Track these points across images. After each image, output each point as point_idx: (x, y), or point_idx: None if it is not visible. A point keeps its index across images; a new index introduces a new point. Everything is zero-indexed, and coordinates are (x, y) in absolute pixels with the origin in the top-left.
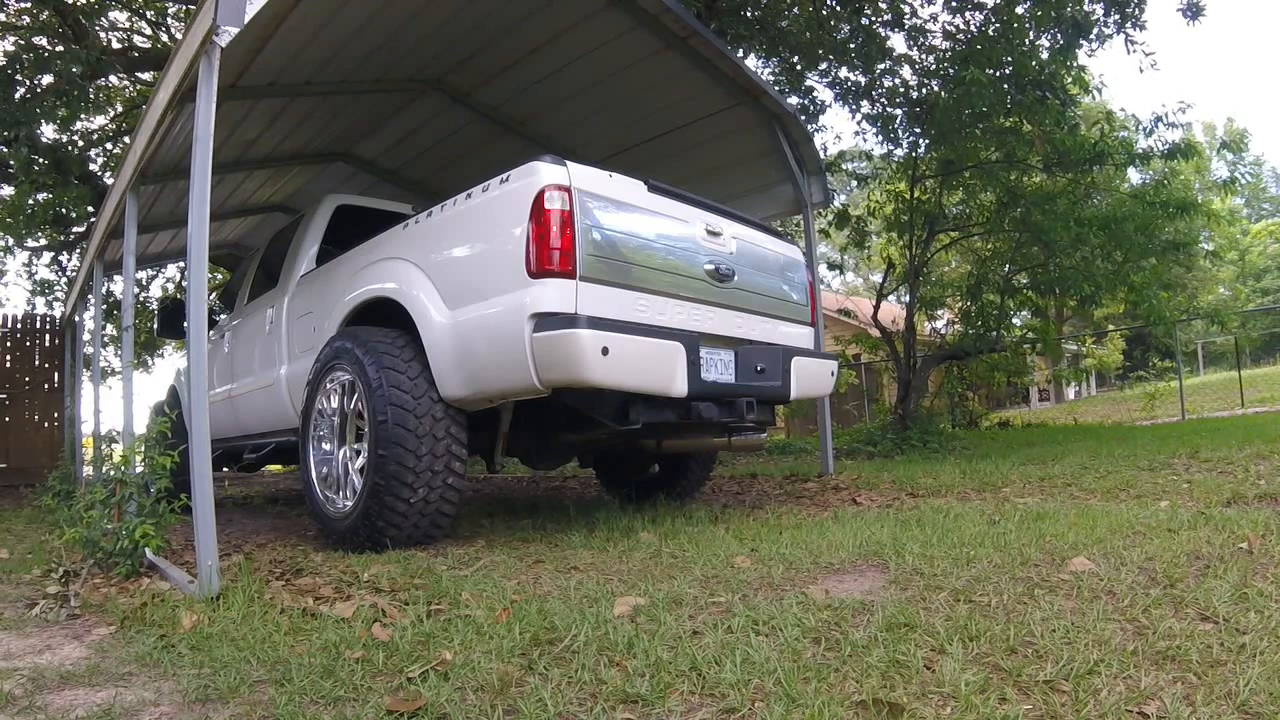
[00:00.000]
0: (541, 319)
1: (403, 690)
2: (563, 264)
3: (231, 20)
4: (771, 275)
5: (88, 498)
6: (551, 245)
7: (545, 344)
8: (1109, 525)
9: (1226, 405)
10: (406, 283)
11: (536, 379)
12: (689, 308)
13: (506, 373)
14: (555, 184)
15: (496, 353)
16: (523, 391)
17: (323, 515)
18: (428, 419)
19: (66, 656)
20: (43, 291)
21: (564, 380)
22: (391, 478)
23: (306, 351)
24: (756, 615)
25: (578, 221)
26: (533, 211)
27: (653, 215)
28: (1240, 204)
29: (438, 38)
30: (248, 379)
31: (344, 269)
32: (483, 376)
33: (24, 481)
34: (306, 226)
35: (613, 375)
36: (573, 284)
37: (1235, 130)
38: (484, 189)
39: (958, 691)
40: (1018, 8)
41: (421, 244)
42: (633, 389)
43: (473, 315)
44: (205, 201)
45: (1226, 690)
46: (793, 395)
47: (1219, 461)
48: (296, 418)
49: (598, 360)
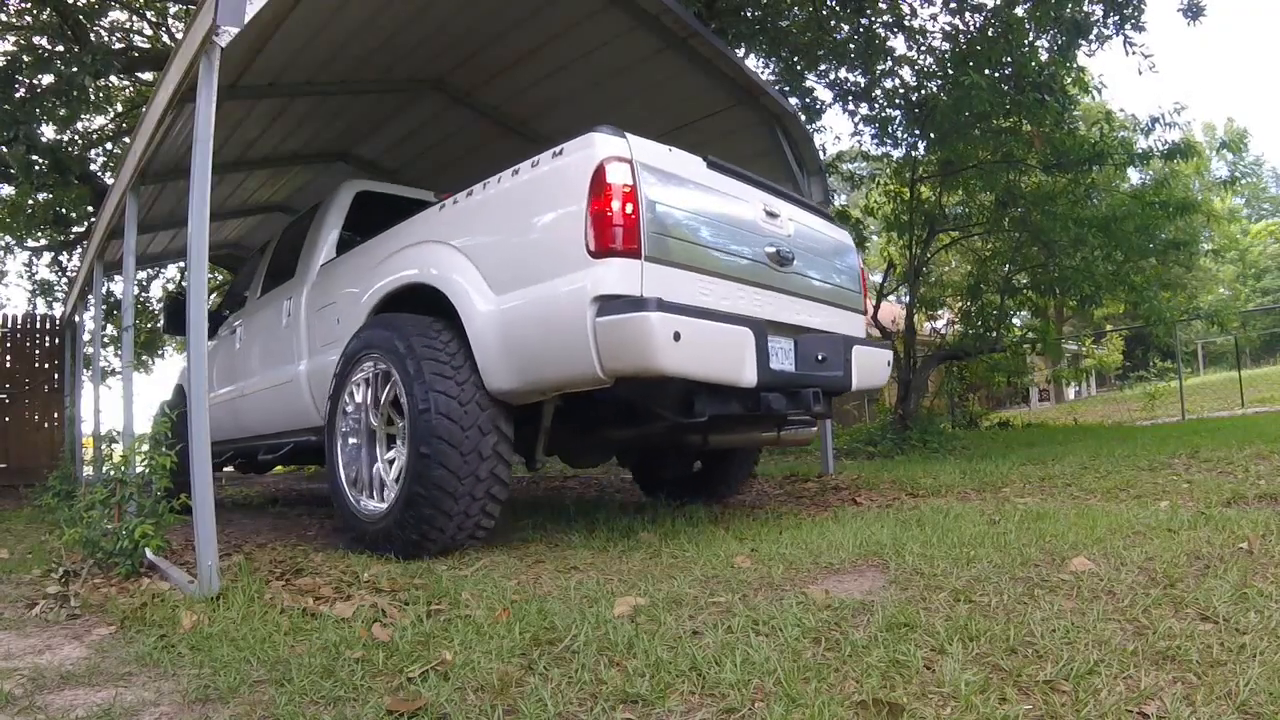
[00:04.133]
0: (605, 302)
1: (403, 690)
2: (626, 242)
3: (231, 20)
4: (828, 260)
5: (88, 498)
6: (614, 222)
7: (610, 329)
8: (1109, 525)
9: (1226, 405)
10: (446, 268)
11: (599, 368)
12: (751, 292)
13: (563, 362)
14: (616, 156)
15: (552, 340)
16: (581, 382)
17: (352, 518)
18: (473, 414)
19: (66, 656)
20: (43, 291)
21: (630, 369)
22: (434, 478)
23: (329, 345)
24: (756, 615)
25: (641, 196)
26: (592, 186)
27: (713, 193)
28: (1240, 204)
29: (438, 38)
30: (262, 376)
31: (371, 255)
32: (535, 367)
33: (24, 481)
34: (325, 214)
35: (683, 363)
36: (638, 264)
37: (1235, 130)
38: (533, 164)
39: (958, 691)
40: (1017, 8)
41: (462, 226)
42: (702, 378)
43: (524, 300)
44: (205, 201)
45: (1226, 690)
46: (854, 386)
47: (1219, 461)
48: (318, 416)
49: (669, 347)
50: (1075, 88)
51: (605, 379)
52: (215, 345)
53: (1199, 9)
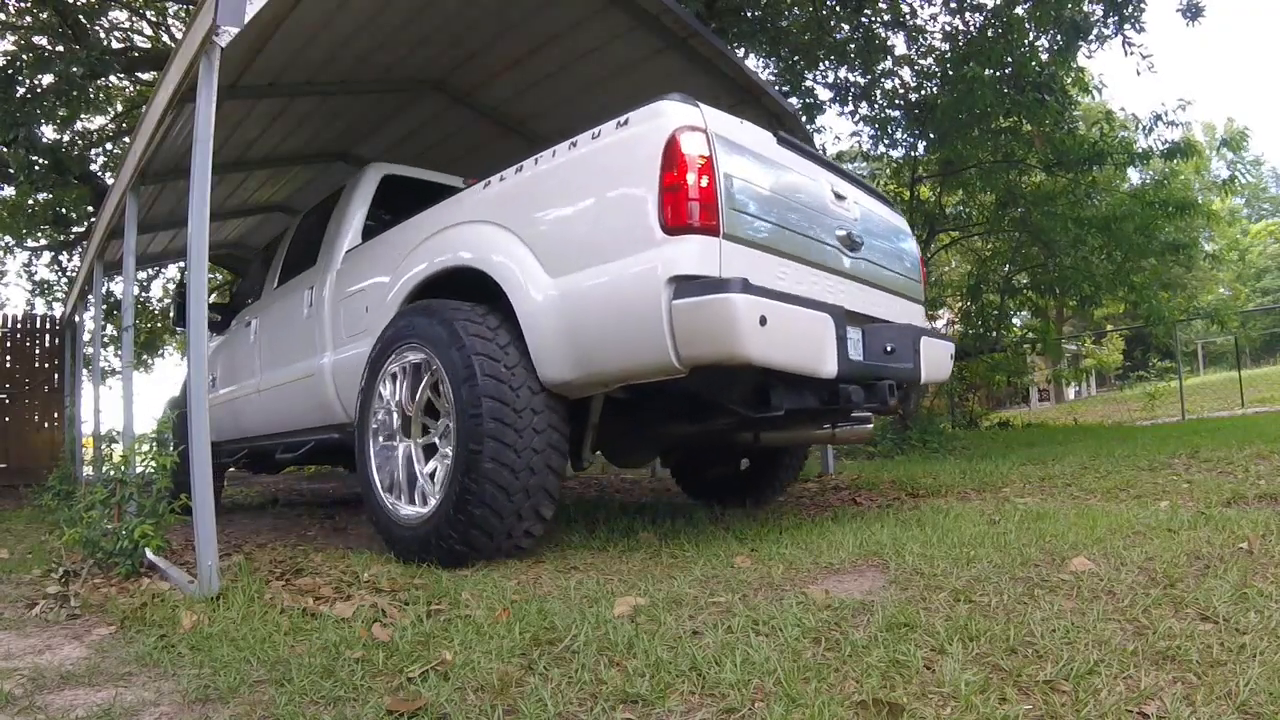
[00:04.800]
0: (682, 283)
1: (403, 690)
2: (704, 218)
3: (231, 20)
4: (891, 246)
5: (88, 498)
6: (689, 196)
7: (689, 313)
8: (1109, 525)
9: (1226, 405)
10: (493, 249)
11: (674, 356)
12: (823, 278)
13: (632, 350)
14: (689, 125)
15: (619, 326)
16: (652, 372)
17: (386, 523)
18: (527, 408)
19: (66, 656)
20: (43, 291)
21: (710, 356)
22: (486, 473)
23: (356, 336)
24: (756, 615)
25: (717, 169)
26: (665, 157)
27: (784, 170)
28: (1240, 204)
29: (438, 38)
30: (280, 370)
31: (405, 239)
32: (598, 356)
33: (24, 481)
34: (350, 198)
35: (767, 351)
36: (716, 242)
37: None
38: (594, 135)
39: (958, 691)
40: (1017, 8)
41: (511, 204)
42: (785, 368)
43: (585, 283)
44: (205, 201)
45: (1226, 690)
46: (922, 378)
47: (1219, 461)
48: (343, 412)
49: (754, 332)
50: (1075, 88)
51: (680, 368)
52: (227, 340)
53: (1199, 9)
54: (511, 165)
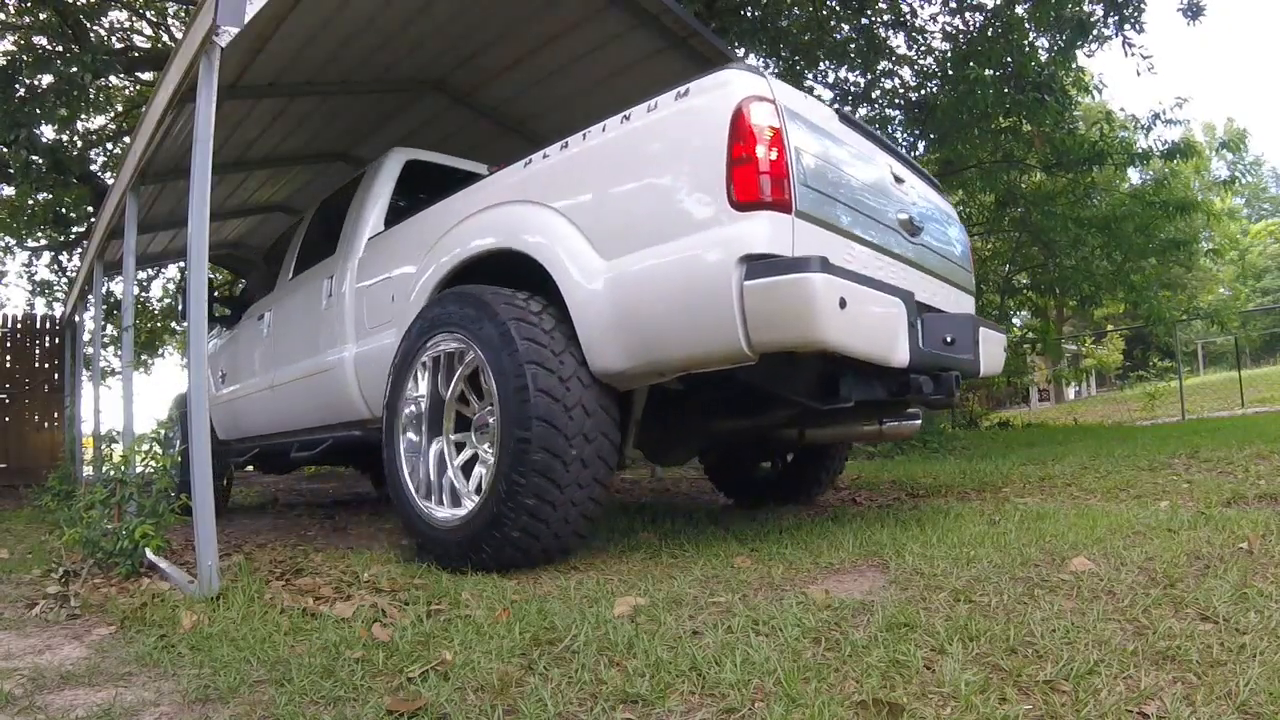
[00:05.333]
0: (754, 263)
1: (403, 690)
2: (775, 193)
3: (231, 20)
4: (946, 233)
5: (88, 498)
6: (760, 169)
7: (762, 294)
8: (1109, 525)
9: (1226, 405)
10: (537, 230)
11: (745, 341)
12: (887, 263)
13: (697, 335)
14: (757, 95)
15: (682, 310)
16: (719, 359)
17: (420, 525)
18: (578, 402)
19: (66, 656)
20: (43, 291)
21: (786, 341)
22: (537, 465)
23: (381, 326)
24: (756, 615)
25: (787, 142)
26: (733, 128)
27: (847, 148)
28: (1240, 204)
29: (438, 38)
30: (296, 364)
31: (435, 223)
32: (657, 343)
33: (24, 481)
34: (371, 183)
35: (845, 336)
36: (789, 219)
37: (1235, 130)
38: (649, 108)
39: (958, 691)
40: (1018, 8)
41: (556, 182)
42: (860, 355)
43: (643, 265)
44: (205, 201)
45: (1226, 690)
46: (982, 371)
47: (1219, 461)
48: (365, 408)
49: (834, 316)
50: (1075, 88)
51: (750, 355)
52: (237, 335)
53: (1199, 9)
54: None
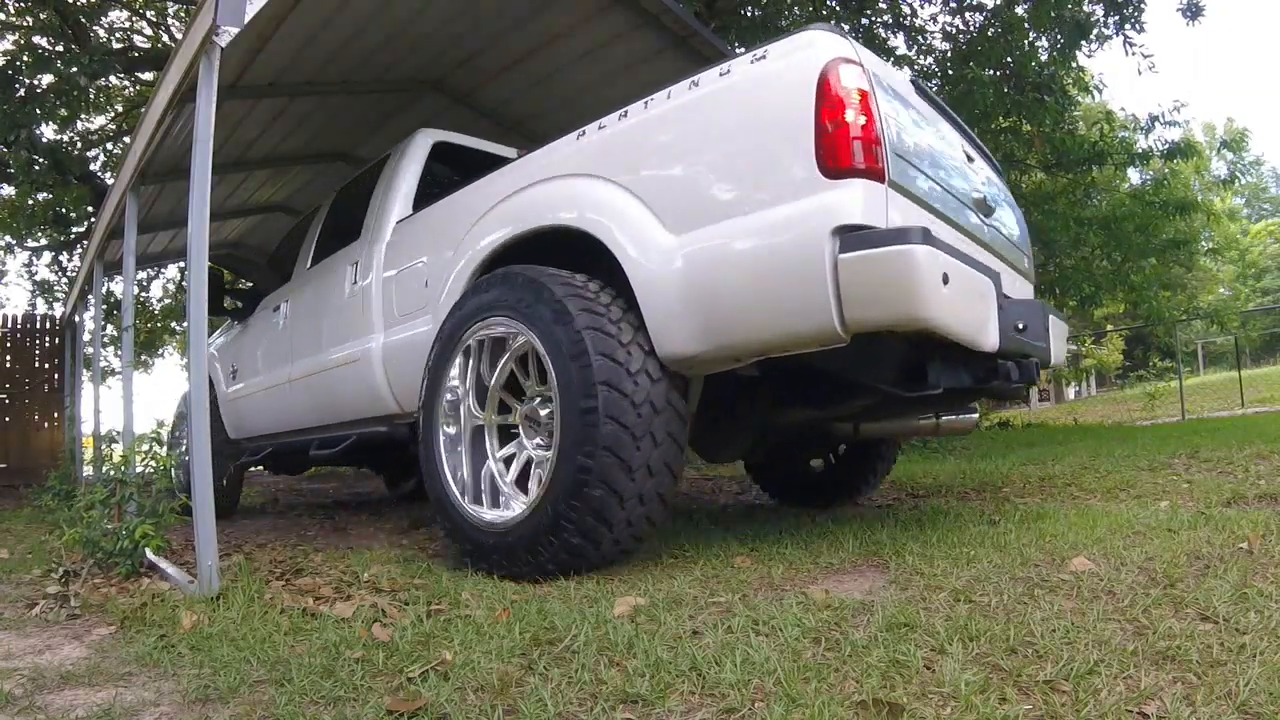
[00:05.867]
0: (849, 234)
1: (403, 690)
2: (869, 160)
3: (231, 20)
4: (1011, 215)
5: (88, 498)
6: (852, 134)
7: (860, 268)
8: (1109, 525)
9: (1226, 405)
10: (595, 206)
11: (838, 320)
12: (964, 242)
13: (783, 314)
14: (843, 57)
15: (767, 286)
16: (807, 340)
17: (468, 529)
18: (644, 386)
19: (66, 656)
20: (43, 291)
21: (884, 320)
22: (600, 475)
23: (412, 314)
24: (756, 615)
25: (876, 107)
26: (820, 91)
27: (926, 120)
28: (1240, 204)
29: (438, 38)
30: (317, 357)
31: (474, 203)
32: (736, 324)
33: (24, 481)
34: (399, 166)
35: (946, 316)
36: (882, 188)
37: (1235, 130)
38: (721, 72)
39: (958, 691)
40: (1018, 8)
41: (616, 154)
42: (957, 337)
43: (719, 238)
44: (205, 201)
45: (1226, 690)
46: (1051, 360)
47: (1219, 461)
48: (392, 401)
49: (938, 292)
50: (1075, 88)
51: (842, 336)
52: (251, 328)
53: (1199, 9)
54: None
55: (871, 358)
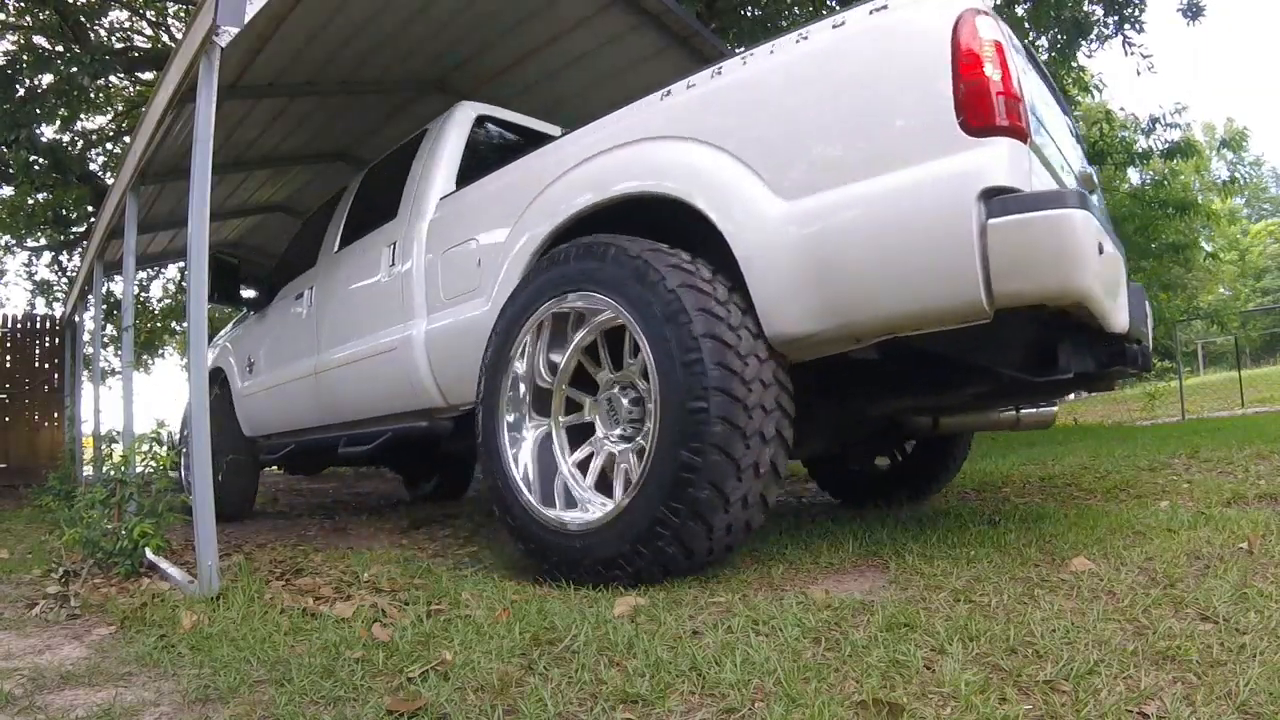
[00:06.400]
0: (998, 198)
1: (403, 690)
2: (1011, 117)
3: (231, 20)
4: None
5: (88, 498)
6: (993, 88)
7: (1014, 234)
8: (1109, 525)
9: (1226, 405)
10: (688, 170)
11: (985, 293)
12: None
13: (918, 286)
14: (977, 7)
15: (900, 255)
16: (947, 316)
17: (536, 531)
18: (754, 367)
19: (66, 656)
20: (43, 291)
21: (1038, 293)
22: (707, 472)
23: (462, 296)
24: (756, 615)
25: (1012, 60)
26: (956, 41)
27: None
28: (1240, 204)
29: (439, 38)
30: (348, 346)
31: (538, 172)
32: (862, 297)
33: (24, 481)
34: (440, 139)
35: (1098, 290)
36: (1025, 149)
37: (1235, 130)
38: (835, 25)
39: (958, 691)
40: (1018, 9)
41: (714, 113)
42: (1100, 314)
43: (841, 202)
44: (205, 201)
45: (1226, 690)
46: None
47: (1219, 461)
48: (436, 393)
49: (1094, 263)
50: (1075, 88)
51: (986, 311)
52: (270, 318)
53: (1199, 9)
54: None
55: (997, 338)
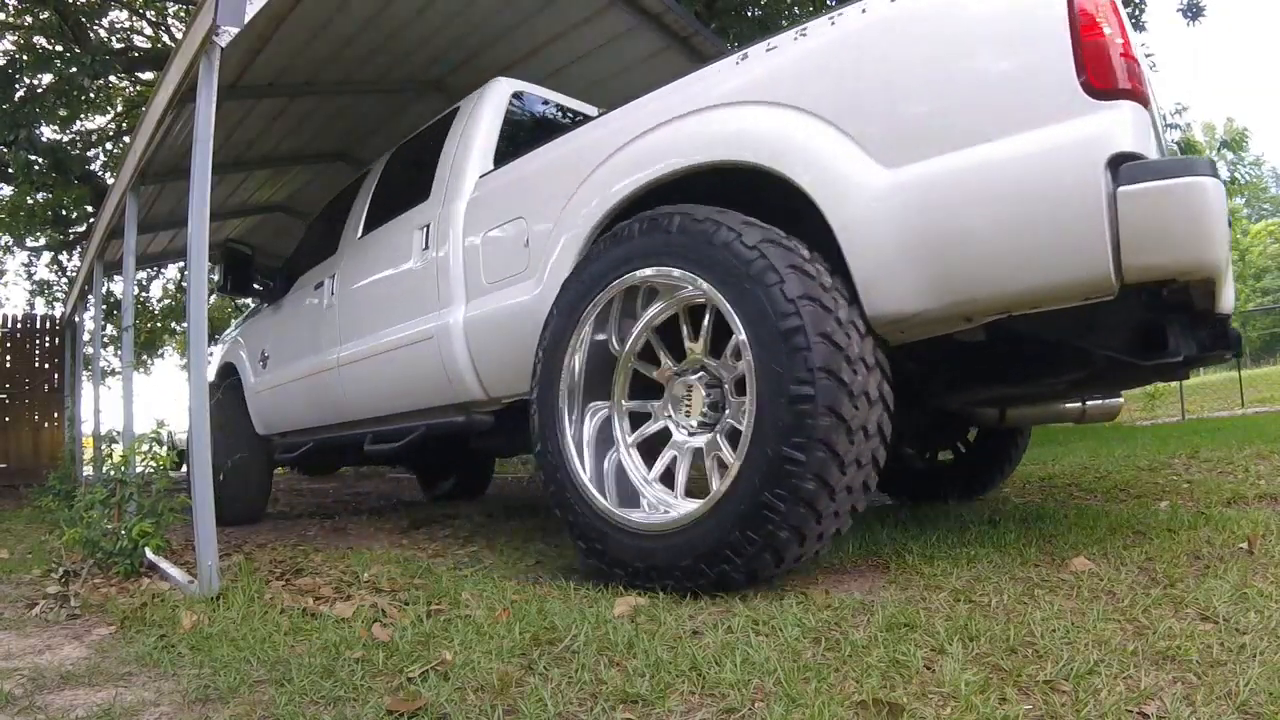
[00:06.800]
0: (1127, 164)
1: (403, 690)
2: (1133, 80)
3: (231, 20)
4: None
5: (88, 498)
6: (1112, 49)
7: (1148, 203)
8: (1109, 525)
9: (1226, 405)
10: (778, 138)
11: (1113, 266)
12: None
13: (1040, 260)
14: None
15: (1020, 225)
16: (1071, 291)
17: (609, 532)
18: (859, 358)
19: (66, 656)
20: (43, 291)
21: (1171, 266)
22: (820, 430)
23: (508, 280)
24: (756, 615)
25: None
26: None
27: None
28: (1240, 204)
29: (438, 38)
30: (376, 336)
31: (598, 142)
32: (977, 273)
33: (24, 481)
34: (475, 116)
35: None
36: (1147, 115)
37: (1235, 130)
38: None
39: (958, 691)
40: None
41: (802, 75)
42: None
43: (952, 168)
44: (205, 201)
45: (1226, 690)
46: None
47: (1219, 461)
48: (476, 385)
49: (1225, 236)
50: None
51: (1112, 285)
52: (284, 307)
53: (1199, 9)
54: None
55: (1106, 319)
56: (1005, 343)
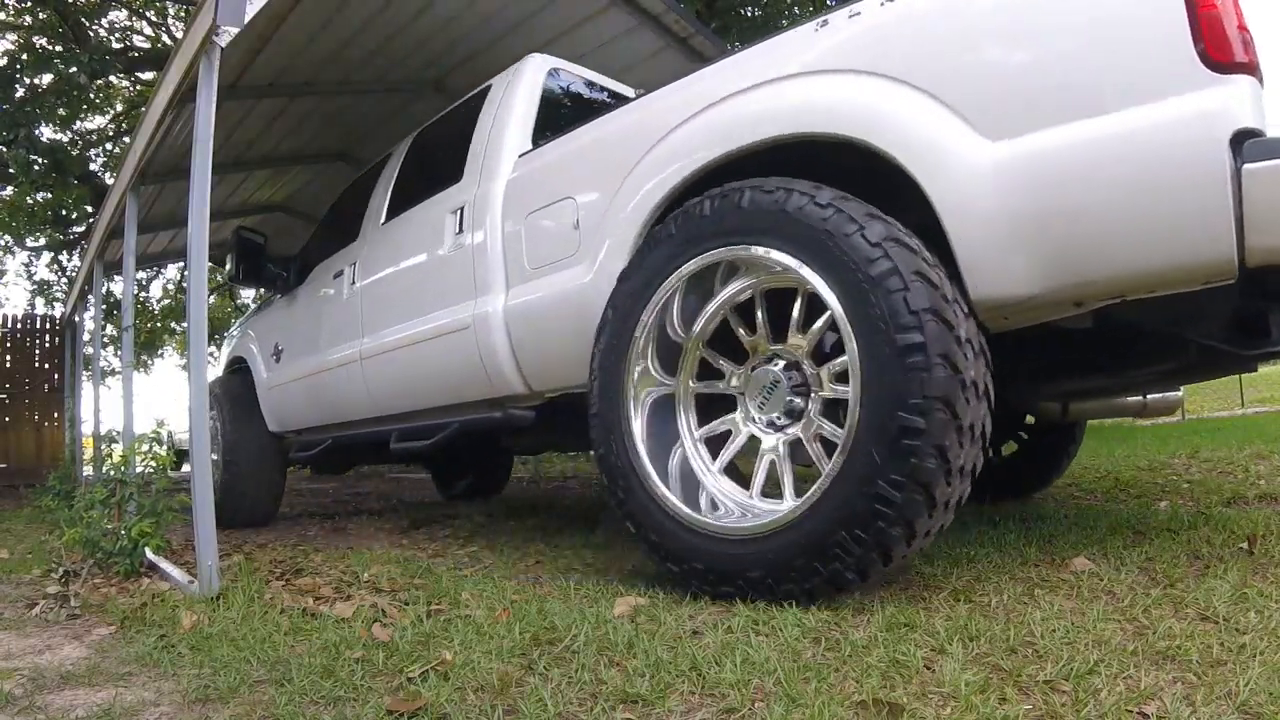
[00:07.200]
0: (1251, 141)
1: (403, 690)
2: (1248, 53)
3: (231, 20)
4: None
5: (88, 498)
6: (1231, 21)
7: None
8: (1109, 525)
9: (1226, 405)
10: (869, 109)
11: (1237, 248)
12: None
13: (1159, 240)
14: None
15: (1138, 204)
16: (1189, 275)
17: (685, 537)
18: (966, 348)
19: (66, 656)
20: (43, 291)
21: None
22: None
23: (554, 265)
24: (756, 615)
25: None
26: None
27: None
28: None
29: (438, 39)
30: (404, 327)
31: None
32: (1093, 254)
33: (24, 481)
34: (511, 94)
35: None
36: (1262, 91)
37: None
38: None
39: (958, 691)
40: None
41: (897, 42)
42: None
43: (1066, 142)
44: (205, 201)
45: (1226, 690)
46: None
47: (1219, 461)
48: (517, 379)
49: None
50: None
51: (1235, 269)
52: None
53: None
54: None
55: (1209, 307)
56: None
